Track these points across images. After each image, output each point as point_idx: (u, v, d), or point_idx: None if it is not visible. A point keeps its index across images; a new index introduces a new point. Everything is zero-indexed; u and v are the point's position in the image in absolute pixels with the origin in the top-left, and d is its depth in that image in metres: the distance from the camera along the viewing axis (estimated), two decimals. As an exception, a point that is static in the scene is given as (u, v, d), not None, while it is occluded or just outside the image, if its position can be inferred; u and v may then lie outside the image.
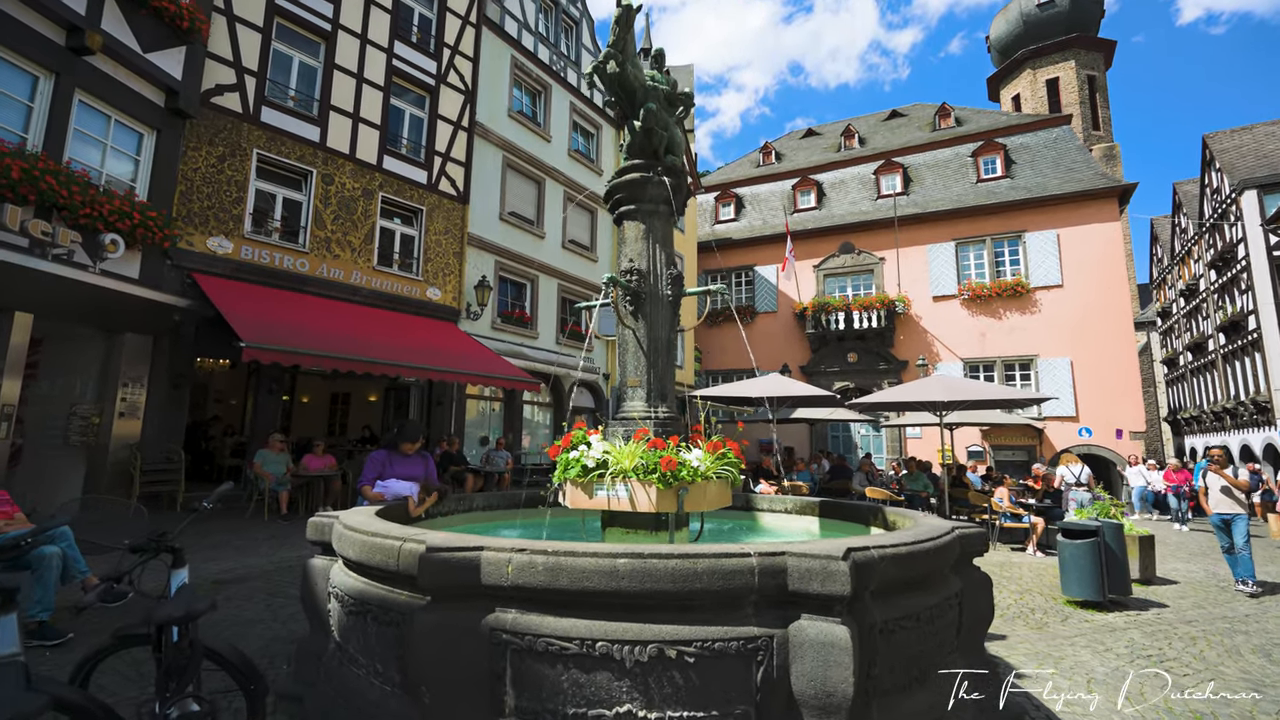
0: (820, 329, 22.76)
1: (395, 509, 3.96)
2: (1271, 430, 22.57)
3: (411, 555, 2.42)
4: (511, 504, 5.24)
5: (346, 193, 12.05)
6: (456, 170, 14.26)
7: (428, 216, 13.53)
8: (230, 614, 4.76)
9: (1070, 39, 40.51)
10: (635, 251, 4.18)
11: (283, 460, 9.22)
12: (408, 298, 12.93)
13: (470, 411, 14.83)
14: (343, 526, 2.93)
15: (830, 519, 4.85)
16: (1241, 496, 7.27)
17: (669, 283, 4.18)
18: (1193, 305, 30.43)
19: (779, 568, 2.26)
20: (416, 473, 4.55)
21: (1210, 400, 28.71)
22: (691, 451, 3.68)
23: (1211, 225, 26.74)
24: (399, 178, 13.03)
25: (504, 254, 15.26)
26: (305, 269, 11.25)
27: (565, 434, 3.96)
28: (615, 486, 3.60)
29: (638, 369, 4.07)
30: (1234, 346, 25.54)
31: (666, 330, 4.16)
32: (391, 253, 12.98)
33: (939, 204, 22.66)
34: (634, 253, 4.18)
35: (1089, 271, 20.18)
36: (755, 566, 2.23)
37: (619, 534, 3.88)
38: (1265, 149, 24.43)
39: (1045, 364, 20.29)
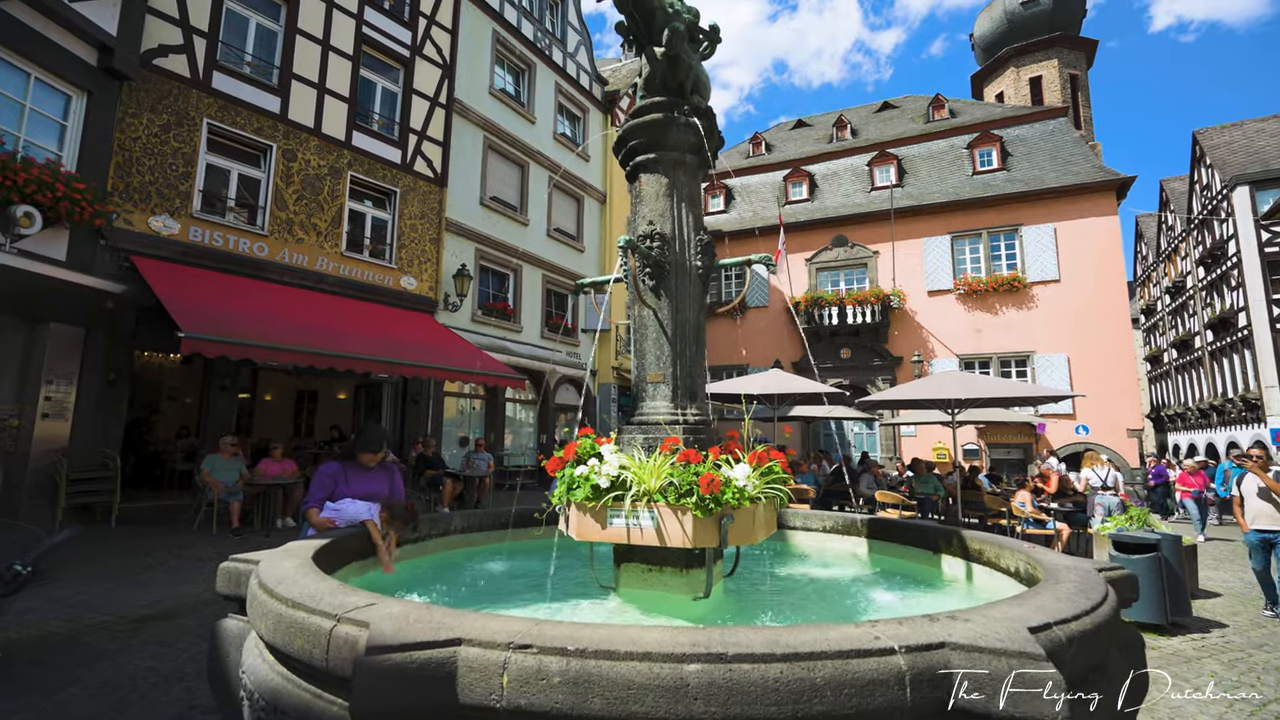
0: (813, 324, 22.10)
1: (347, 543, 3.05)
2: (1261, 427, 22.47)
3: (346, 648, 1.53)
4: (497, 524, 4.35)
5: (311, 171, 10.97)
6: (433, 150, 13.23)
7: (402, 199, 12.49)
8: (141, 667, 3.79)
9: (1053, 38, 40.55)
10: (655, 212, 3.31)
11: (235, 466, 8.18)
12: (380, 287, 11.90)
13: (449, 410, 13.83)
14: (259, 584, 2.03)
15: (880, 541, 4.05)
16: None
17: (699, 251, 3.32)
18: (1179, 302, 30.45)
19: (938, 671, 1.41)
20: (378, 490, 3.63)
21: (1196, 398, 28.73)
22: (735, 467, 2.83)
23: (1201, 222, 26.66)
24: (370, 156, 11.97)
25: (485, 241, 14.27)
26: (264, 253, 10.17)
27: (569, 443, 3.08)
28: (637, 514, 2.74)
29: (660, 360, 3.21)
30: (1222, 343, 25.49)
31: (695, 311, 3.30)
32: (362, 238, 11.92)
33: (934, 196, 22.12)
34: (654, 213, 3.31)
35: (1086, 266, 19.78)
36: (904, 671, 1.38)
37: (639, 572, 3.01)
38: (1256, 145, 24.35)
39: (1042, 360, 19.87)
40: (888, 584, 3.28)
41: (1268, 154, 23.87)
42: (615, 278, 3.46)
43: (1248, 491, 6.01)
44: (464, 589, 3.15)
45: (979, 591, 3.00)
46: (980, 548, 3.21)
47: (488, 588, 3.22)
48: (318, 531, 3.35)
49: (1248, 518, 5.99)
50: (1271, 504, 5.77)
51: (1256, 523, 5.90)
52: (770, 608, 2.94)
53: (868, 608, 2.88)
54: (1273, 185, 22.40)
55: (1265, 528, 5.84)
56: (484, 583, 3.33)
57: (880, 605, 2.92)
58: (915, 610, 2.80)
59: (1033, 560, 2.66)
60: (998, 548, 3.06)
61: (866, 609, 2.86)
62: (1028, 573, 2.69)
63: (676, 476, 2.76)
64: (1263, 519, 5.85)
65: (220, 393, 9.78)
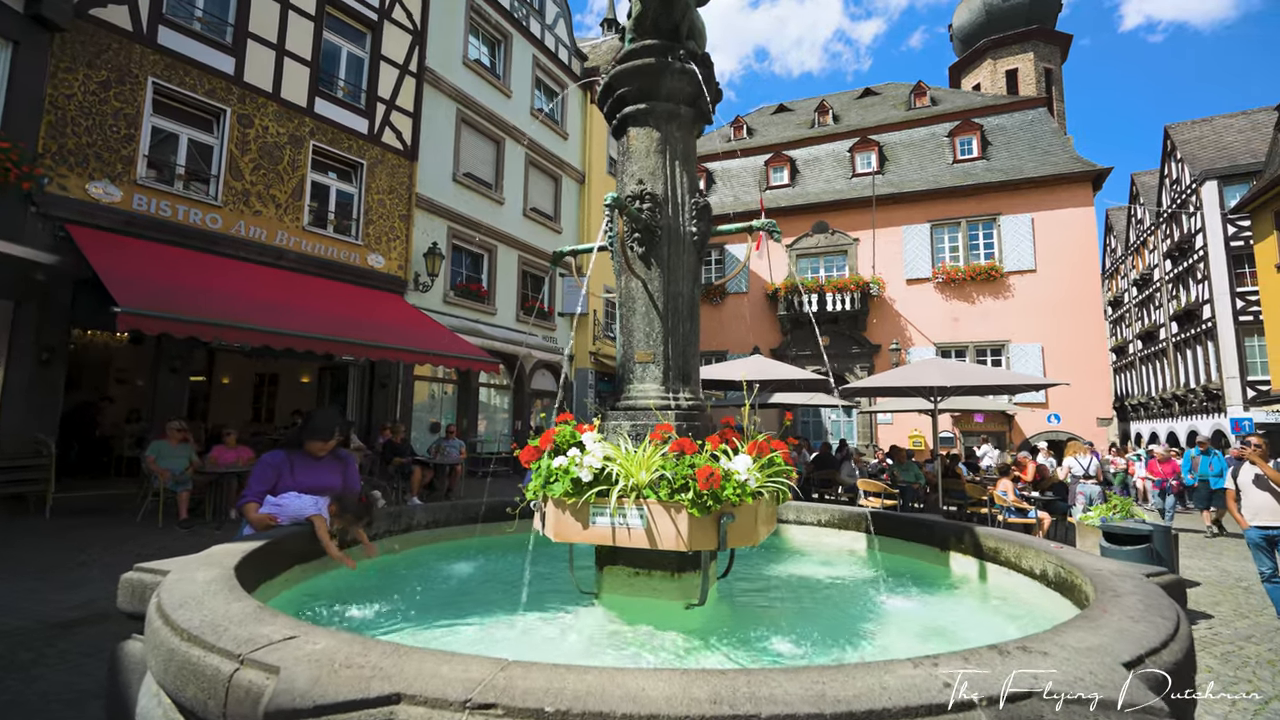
0: (792, 311, 21.97)
1: (287, 544, 2.64)
2: (1221, 416, 23.12)
3: (247, 703, 1.15)
4: (466, 517, 3.96)
5: (270, 138, 10.26)
6: (403, 121, 12.55)
7: (369, 172, 11.83)
8: (57, 683, 3.34)
9: (1030, 30, 40.90)
10: (645, 170, 2.93)
11: (183, 453, 7.61)
12: (345, 264, 11.27)
13: (419, 395, 13.30)
14: (157, 607, 1.62)
15: (881, 536, 3.77)
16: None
17: (694, 215, 2.95)
18: (1146, 295, 31.13)
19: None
20: (329, 482, 3.21)
21: (1159, 387, 29.49)
22: (735, 458, 2.49)
23: (1170, 215, 27.16)
24: (334, 125, 11.27)
25: (458, 219, 13.67)
26: (218, 226, 9.49)
27: (546, 430, 2.71)
28: (624, 512, 2.39)
29: (650, 337, 2.84)
30: (1186, 335, 26.12)
31: (690, 283, 2.94)
32: (326, 212, 11.26)
33: (915, 184, 22.04)
34: (644, 172, 2.93)
35: (1062, 256, 19.92)
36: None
37: (625, 577, 2.67)
38: (1224, 140, 24.79)
39: (1017, 349, 20.03)
40: (897, 585, 3.00)
41: (1235, 150, 24.33)
42: (599, 245, 3.07)
43: (1245, 484, 5.38)
44: (424, 597, 2.77)
45: (1002, 595, 2.73)
46: (997, 546, 2.94)
47: (452, 595, 2.84)
48: (255, 530, 2.94)
49: (1247, 513, 5.37)
50: (1274, 497, 5.20)
51: (1258, 518, 5.27)
52: (774, 617, 2.62)
53: (884, 616, 2.58)
54: (1240, 180, 22.84)
55: (1268, 524, 5.20)
56: (447, 588, 2.95)
57: (897, 613, 2.63)
58: (941, 619, 2.51)
59: (1066, 563, 2.38)
60: (1018, 546, 2.79)
61: (883, 618, 2.56)
62: (1059, 576, 2.41)
63: (669, 469, 2.41)
64: (1265, 514, 5.23)
65: (170, 375, 9.13)
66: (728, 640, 2.27)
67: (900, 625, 2.44)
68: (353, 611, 2.44)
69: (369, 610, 2.46)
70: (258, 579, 2.33)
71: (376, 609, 2.48)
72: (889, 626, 2.44)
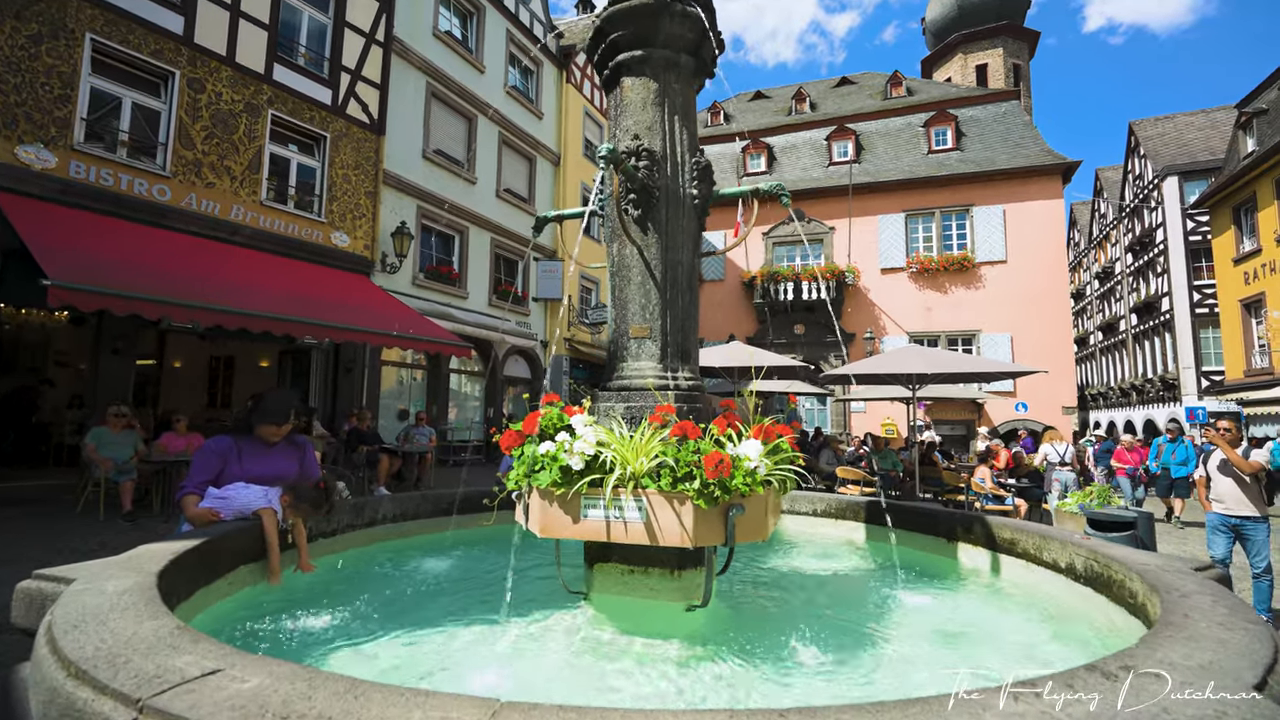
0: (768, 299, 21.89)
1: (229, 543, 2.30)
2: (1177, 405, 23.94)
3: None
4: (438, 509, 3.65)
5: (224, 105, 9.59)
6: (370, 94, 11.92)
7: (333, 146, 11.21)
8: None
9: (1000, 26, 41.49)
10: (642, 124, 2.63)
11: (128, 441, 7.06)
12: (307, 242, 10.67)
13: (387, 381, 12.78)
14: (46, 631, 1.29)
15: (881, 526, 3.58)
16: (1259, 489, 5.02)
17: (694, 176, 2.67)
18: (1107, 287, 32.01)
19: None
20: (283, 471, 2.87)
21: (1119, 378, 30.44)
22: (742, 443, 2.24)
23: (1132, 210, 27.88)
24: (295, 94, 10.62)
25: (428, 198, 13.11)
26: (166, 198, 8.84)
27: (530, 413, 2.42)
28: (621, 503, 2.12)
29: (646, 310, 2.56)
30: (1145, 327, 26.94)
31: (690, 251, 2.67)
32: (286, 186, 10.62)
33: (890, 174, 22.10)
34: (639, 126, 2.63)
35: (1031, 248, 20.22)
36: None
37: (618, 575, 2.41)
38: (1185, 138, 25.46)
39: (987, 339, 20.32)
40: (908, 580, 2.80)
41: (1195, 147, 25.03)
42: (590, 210, 2.77)
43: (1214, 470, 5.26)
44: (391, 601, 2.45)
45: (1025, 590, 2.55)
46: (1013, 537, 2.76)
47: (423, 599, 2.53)
48: (195, 527, 2.58)
49: (1212, 500, 5.27)
50: (1240, 486, 5.04)
51: (1221, 506, 5.17)
52: (783, 619, 2.39)
53: (904, 616, 2.37)
54: (1200, 177, 23.50)
55: (1230, 511, 5.09)
56: (415, 591, 2.63)
57: (917, 611, 2.42)
58: (968, 619, 2.31)
59: (1100, 555, 2.19)
60: (1039, 537, 2.60)
61: (903, 617, 2.35)
62: (1091, 570, 2.23)
63: (671, 455, 2.14)
64: (1229, 502, 5.10)
65: (113, 357, 8.50)
66: (738, 648, 2.03)
67: (925, 626, 2.24)
68: (306, 622, 2.12)
69: (325, 620, 2.15)
70: (192, 586, 2.00)
71: (334, 618, 2.17)
72: (912, 628, 2.23)
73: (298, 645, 1.92)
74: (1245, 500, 5.03)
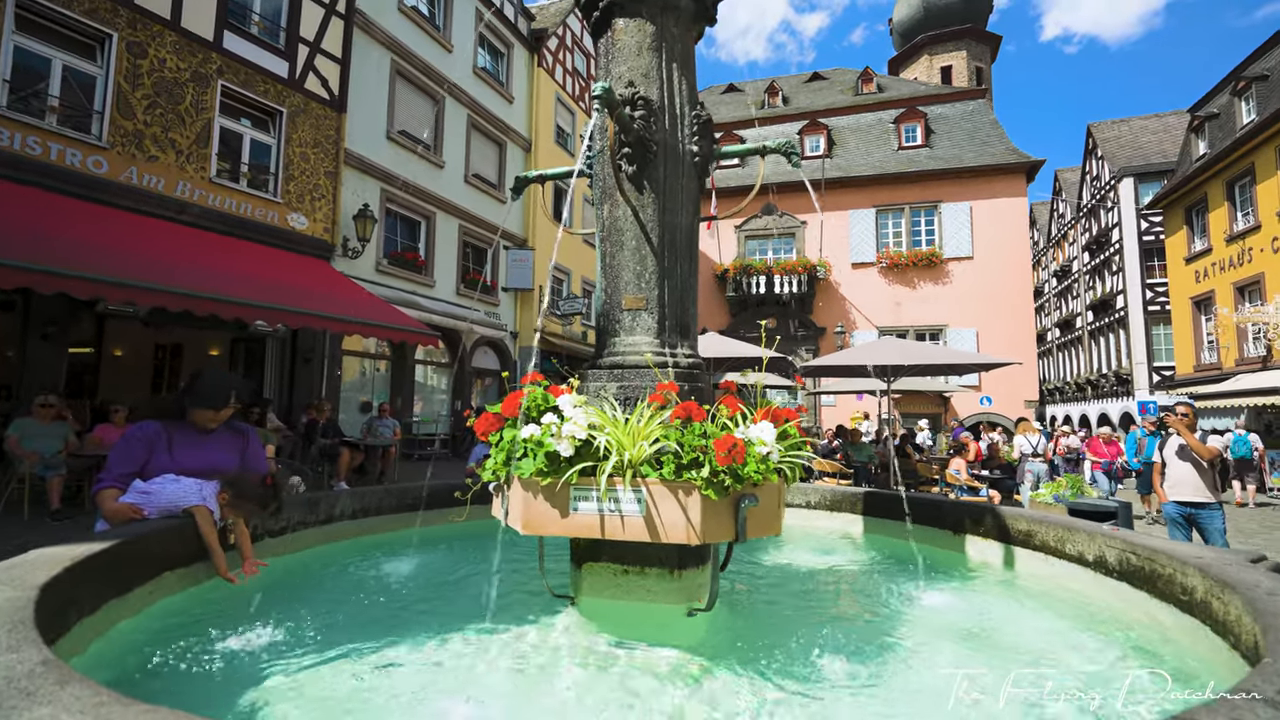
0: (740, 292, 21.86)
1: (151, 545, 1.95)
2: (1130, 400, 24.81)
3: None
4: (403, 504, 3.31)
5: (168, 74, 8.91)
6: (330, 68, 11.29)
7: (290, 122, 10.57)
8: None
9: (964, 29, 42.43)
10: (637, 71, 2.34)
11: (57, 433, 6.45)
12: (262, 223, 10.04)
13: (349, 371, 12.21)
14: None
15: (881, 519, 3.40)
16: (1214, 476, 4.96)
17: (694, 132, 2.40)
18: (1065, 285, 33.01)
19: None
20: (221, 462, 2.50)
21: (1075, 373, 31.45)
22: (753, 426, 1.98)
23: (1089, 210, 28.74)
24: (248, 65, 9.95)
25: (392, 181, 12.54)
26: (103, 170, 8.15)
27: (512, 393, 2.12)
28: (617, 495, 1.85)
29: (642, 278, 2.28)
30: (1101, 323, 27.85)
31: (690, 214, 2.40)
32: (238, 163, 9.96)
33: (861, 169, 22.25)
34: (634, 73, 2.34)
35: (997, 244, 20.61)
36: None
37: (610, 576, 2.13)
38: (1141, 140, 26.32)
39: (954, 334, 20.65)
40: (920, 576, 2.59)
41: (1149, 150, 25.90)
42: (579, 169, 2.48)
43: (1170, 456, 5.10)
44: (346, 611, 2.13)
45: (1051, 587, 2.36)
46: (1029, 528, 2.58)
47: (382, 608, 2.20)
48: (112, 526, 2.21)
49: (1167, 487, 5.09)
50: (1197, 471, 4.91)
51: (1177, 492, 5.01)
52: (794, 624, 2.14)
53: (929, 619, 2.15)
54: (1154, 179, 24.32)
55: (1187, 499, 4.94)
56: (374, 599, 2.30)
57: (941, 613, 2.21)
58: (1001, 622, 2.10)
59: (1139, 547, 2.01)
60: (1062, 529, 2.43)
61: (929, 621, 2.13)
62: (1128, 564, 2.05)
63: (675, 439, 1.88)
64: (1185, 489, 4.96)
65: (41, 343, 7.81)
66: (754, 659, 1.77)
67: (955, 631, 2.02)
68: (241, 640, 1.78)
69: (265, 636, 1.81)
70: (99, 599, 1.65)
71: (277, 634, 1.84)
72: (942, 631, 2.01)
73: (226, 672, 1.59)
74: (1202, 486, 4.91)
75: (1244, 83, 17.54)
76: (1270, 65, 16.96)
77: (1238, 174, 17.55)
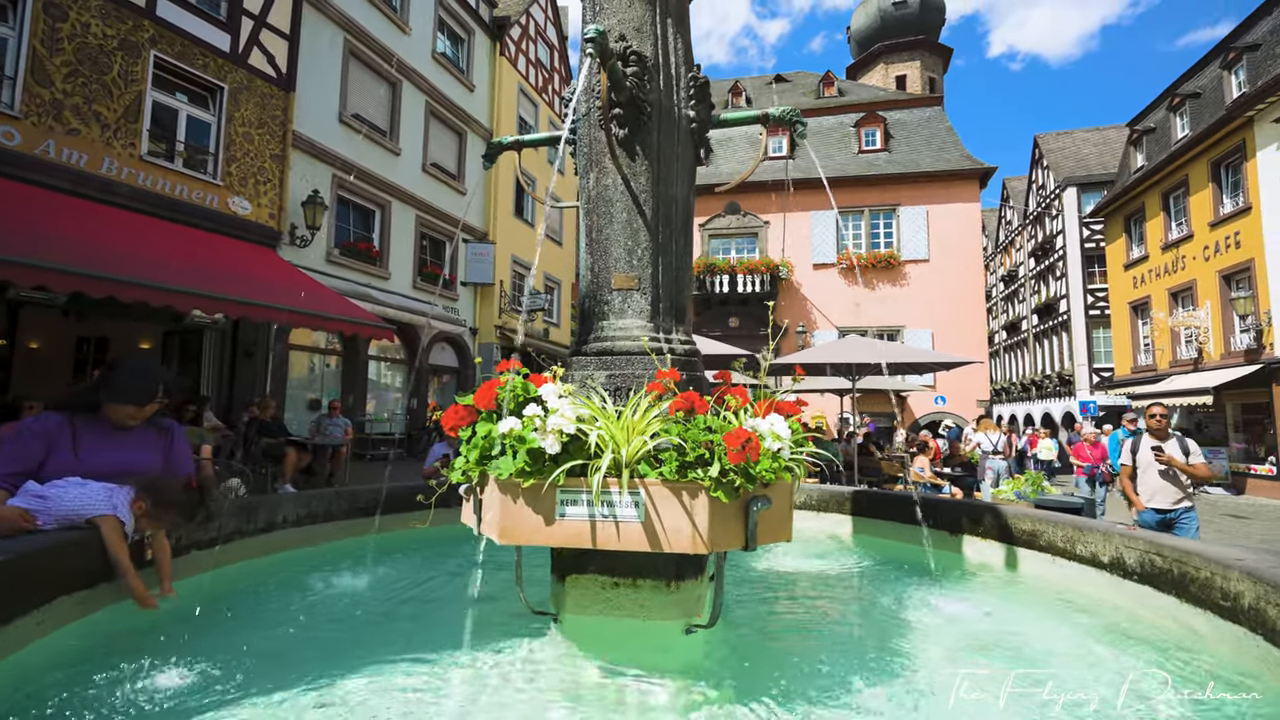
0: (704, 291, 21.81)
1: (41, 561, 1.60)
2: (1071, 399, 25.94)
3: None
4: (355, 508, 2.98)
5: (92, 40, 8.16)
6: (277, 44, 10.61)
7: (232, 99, 9.86)
8: None
9: (918, 40, 43.75)
10: (629, 24, 2.10)
11: (-44, 432, 5.75)
12: (199, 207, 9.33)
13: (296, 368, 11.52)
14: None
15: (872, 519, 3.25)
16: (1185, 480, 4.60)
17: (691, 95, 2.17)
18: (1012, 290, 34.33)
19: None
20: (138, 463, 2.14)
21: (1020, 374, 32.75)
22: (764, 419, 1.77)
23: (1035, 217, 29.95)
24: (185, 35, 9.23)
25: (345, 167, 11.90)
26: (15, 143, 7.38)
27: (485, 382, 1.85)
28: (611, 498, 1.60)
29: (634, 255, 2.04)
30: (1045, 326, 29.04)
31: (685, 186, 2.17)
32: (173, 141, 9.23)
33: (823, 171, 22.51)
34: (626, 26, 2.10)
35: (951, 248, 21.18)
36: None
37: (598, 590, 1.88)
38: (1082, 152, 27.56)
39: (911, 335, 21.11)
40: (920, 579, 2.44)
41: (1091, 161, 27.14)
42: (565, 135, 2.21)
43: (1145, 462, 4.71)
44: (287, 638, 1.81)
45: (1068, 592, 2.23)
46: (1034, 528, 2.46)
47: (327, 631, 1.89)
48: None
49: (1144, 494, 4.71)
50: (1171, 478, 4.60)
51: (1154, 500, 4.64)
52: (801, 642, 1.94)
53: (951, 632, 1.98)
54: (1095, 189, 25.48)
55: (1164, 506, 4.59)
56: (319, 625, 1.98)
57: (961, 625, 2.04)
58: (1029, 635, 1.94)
59: (1164, 548, 1.89)
60: (1072, 529, 2.30)
61: (951, 636, 1.95)
62: (1153, 566, 1.93)
63: (677, 434, 1.65)
64: (1164, 496, 4.61)
65: (-59, 331, 7.01)
66: (764, 685, 1.55)
67: (986, 649, 1.85)
68: (147, 681, 1.46)
69: (188, 674, 1.49)
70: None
71: (201, 670, 1.52)
72: (972, 652, 1.83)
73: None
74: (1179, 490, 4.59)
75: (1178, 99, 18.50)
76: (1202, 84, 17.93)
77: (1173, 186, 18.48)
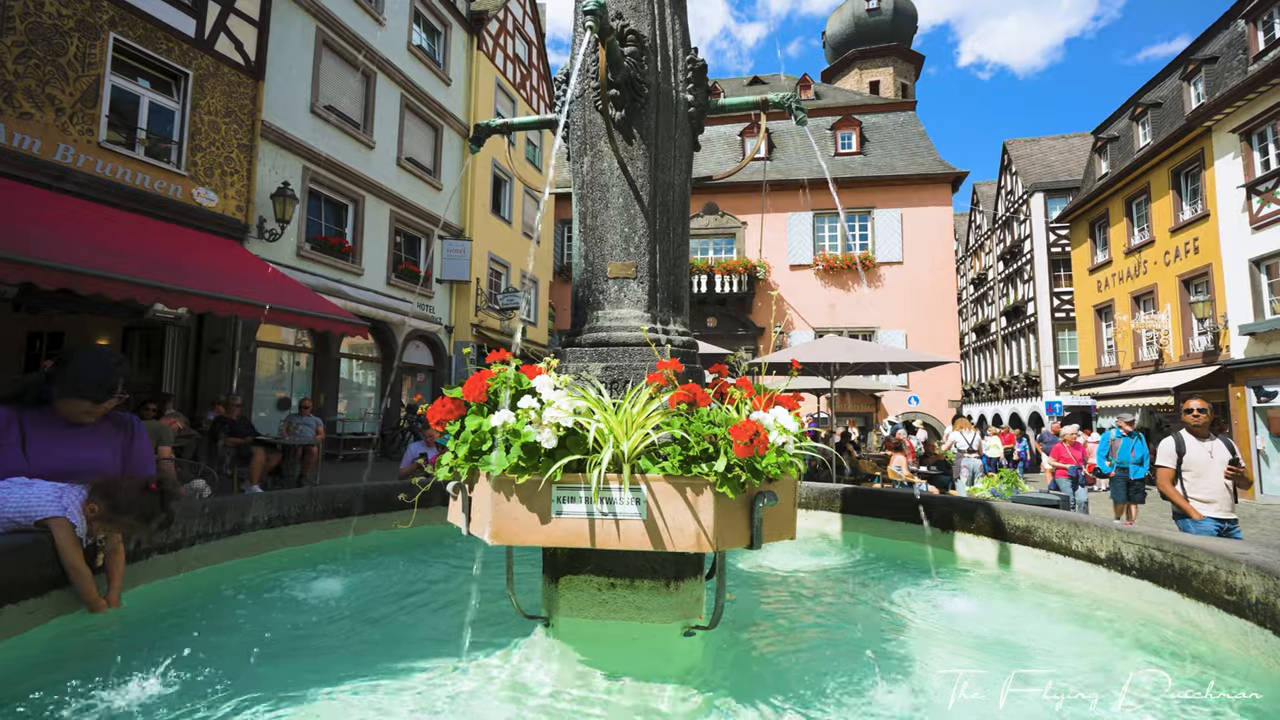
0: (682, 291, 21.83)
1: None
2: (1038, 399, 26.61)
3: None
4: (331, 509, 2.83)
5: (46, 18, 7.76)
6: (246, 31, 10.25)
7: (198, 86, 9.50)
8: None
9: (892, 46, 44.50)
10: (625, 2, 2.02)
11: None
12: (162, 197, 8.96)
13: (265, 366, 11.16)
14: None
15: (861, 516, 3.22)
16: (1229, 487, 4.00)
17: (689, 78, 2.10)
18: (981, 293, 35.12)
19: None
20: (92, 462, 1.98)
21: (989, 375, 33.51)
22: (769, 411, 1.71)
23: (1004, 222, 30.68)
24: (147, 18, 8.85)
25: (316, 159, 11.57)
26: (-39, 126, 6.99)
27: (475, 374, 1.75)
28: (611, 494, 1.52)
29: (631, 241, 1.96)
30: (1013, 329, 29.77)
31: (683, 171, 2.10)
32: (135, 127, 8.85)
33: (800, 173, 22.71)
34: (622, 3, 2.02)
35: (924, 250, 21.56)
36: None
37: (594, 591, 1.79)
38: (1049, 159, 28.31)
39: (885, 335, 21.42)
40: (917, 577, 2.41)
41: (1057, 168, 27.89)
42: (560, 118, 2.12)
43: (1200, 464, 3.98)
44: (257, 647, 1.68)
45: (1067, 589, 2.21)
46: (1029, 524, 2.44)
47: (305, 643, 1.77)
48: (-70, 546, 1.67)
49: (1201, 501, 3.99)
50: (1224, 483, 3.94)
51: (1215, 508, 3.97)
52: (803, 644, 1.88)
53: (955, 633, 1.94)
54: (1061, 195, 26.20)
55: (1227, 515, 3.98)
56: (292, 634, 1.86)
57: (962, 623, 2.00)
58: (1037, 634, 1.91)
59: (1165, 543, 1.87)
60: (1068, 524, 2.29)
61: (956, 636, 1.91)
62: (1154, 561, 1.91)
63: (679, 427, 1.57)
64: (1223, 504, 3.98)
65: (-123, 324, 6.58)
66: (771, 688, 1.49)
67: (986, 647, 1.81)
68: (110, 697, 1.33)
69: (147, 688, 1.37)
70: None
71: (162, 684, 1.39)
72: (972, 650, 1.79)
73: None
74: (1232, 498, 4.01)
75: (1140, 109, 19.10)
76: (1163, 94, 18.54)
77: (1135, 193, 19.08)
